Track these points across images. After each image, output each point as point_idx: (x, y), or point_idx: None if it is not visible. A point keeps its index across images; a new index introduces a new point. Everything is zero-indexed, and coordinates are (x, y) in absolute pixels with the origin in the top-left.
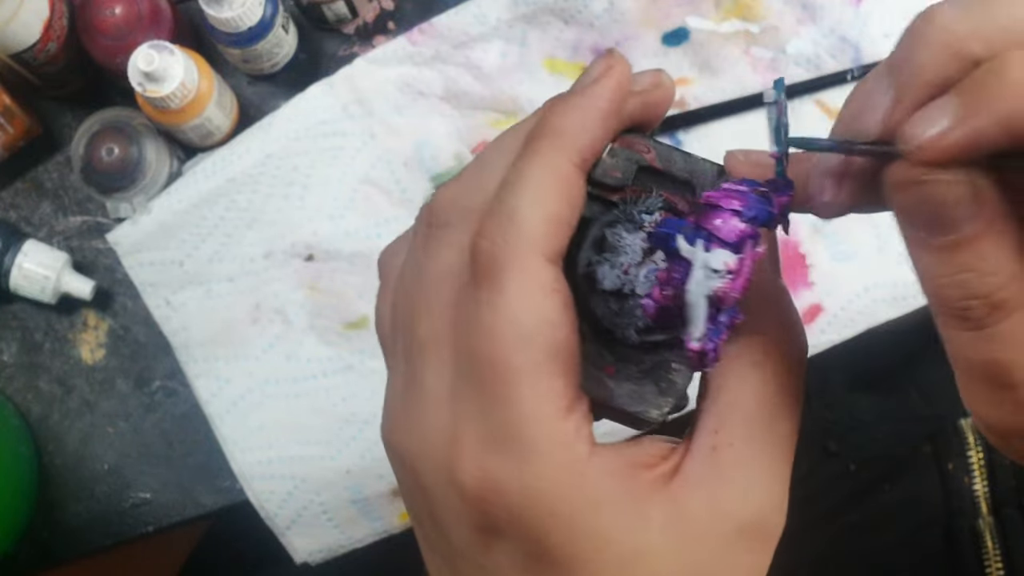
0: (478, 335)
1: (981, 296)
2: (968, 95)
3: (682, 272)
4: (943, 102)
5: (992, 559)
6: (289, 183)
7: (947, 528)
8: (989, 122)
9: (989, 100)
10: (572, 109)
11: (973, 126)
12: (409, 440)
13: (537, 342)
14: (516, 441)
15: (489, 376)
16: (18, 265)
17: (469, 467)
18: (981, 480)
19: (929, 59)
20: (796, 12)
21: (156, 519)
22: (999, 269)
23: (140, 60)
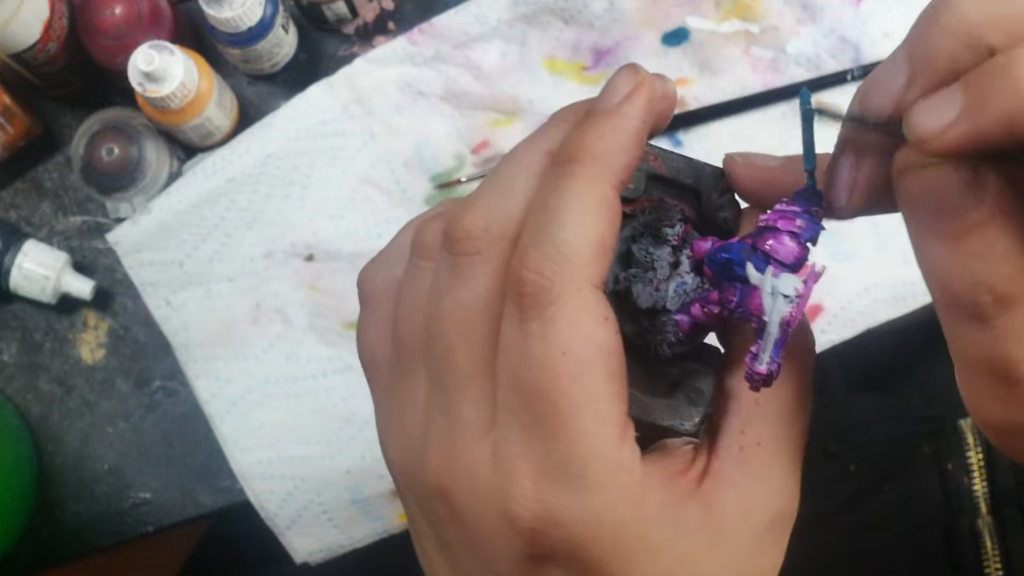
0: (528, 367)
1: (989, 286)
2: (974, 90)
3: (739, 295)
4: (948, 94)
5: (991, 559)
6: (289, 183)
7: (946, 528)
8: (992, 121)
9: (994, 98)
10: (609, 131)
11: (976, 123)
12: (447, 473)
13: (595, 372)
14: (578, 473)
15: (544, 409)
16: (18, 265)
17: (525, 500)
18: (980, 480)
19: (943, 44)
20: (796, 12)
21: (156, 519)
22: (1007, 258)
23: (140, 60)
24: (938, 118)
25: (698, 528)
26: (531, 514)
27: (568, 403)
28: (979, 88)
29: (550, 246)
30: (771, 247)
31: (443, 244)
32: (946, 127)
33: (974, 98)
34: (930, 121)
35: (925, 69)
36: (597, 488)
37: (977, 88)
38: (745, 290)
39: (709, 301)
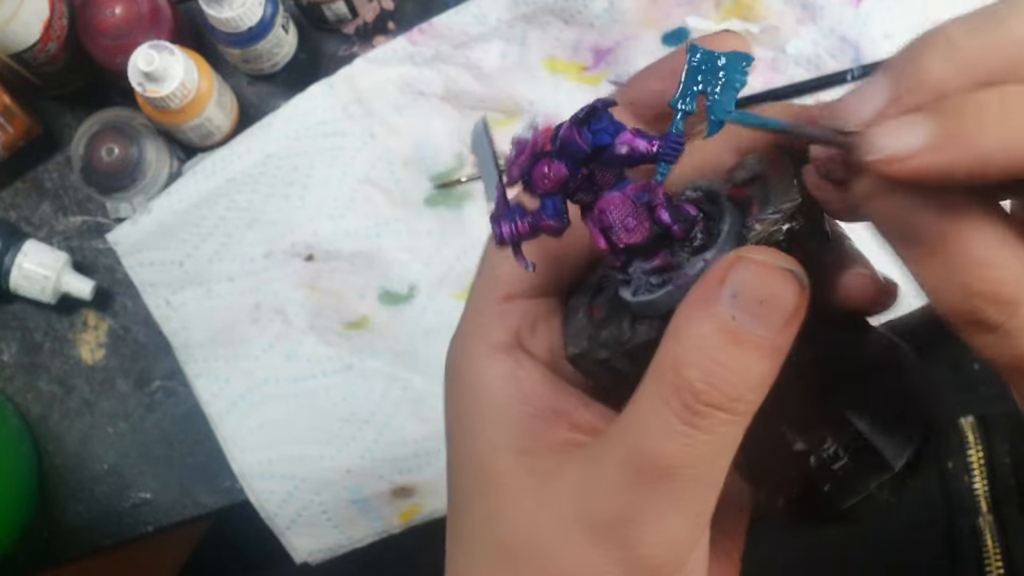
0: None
1: (985, 295)
2: (950, 121)
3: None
4: (922, 118)
5: (992, 558)
6: (289, 183)
7: (947, 527)
8: (957, 156)
9: (969, 135)
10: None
11: (939, 157)
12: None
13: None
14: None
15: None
16: (18, 265)
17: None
18: (981, 479)
19: (933, 70)
20: (796, 12)
21: (156, 519)
22: (995, 262)
23: (140, 60)
24: (899, 142)
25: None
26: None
27: (479, 268)
28: (951, 121)
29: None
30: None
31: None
32: (908, 154)
33: (943, 130)
34: (892, 143)
35: (911, 91)
36: (461, 322)
37: (949, 121)
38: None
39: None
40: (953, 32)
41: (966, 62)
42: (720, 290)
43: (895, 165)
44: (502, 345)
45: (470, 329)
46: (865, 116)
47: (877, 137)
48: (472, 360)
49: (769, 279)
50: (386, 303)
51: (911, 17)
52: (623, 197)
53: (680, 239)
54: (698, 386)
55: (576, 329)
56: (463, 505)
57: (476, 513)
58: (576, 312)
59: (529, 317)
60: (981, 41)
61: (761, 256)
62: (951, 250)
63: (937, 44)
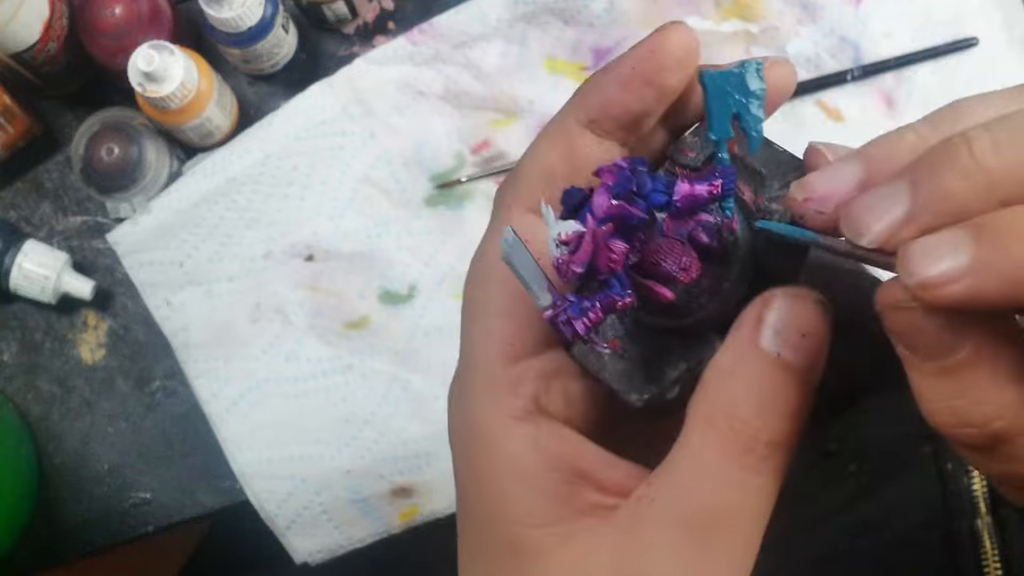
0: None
1: (976, 425)
2: (985, 246)
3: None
4: (955, 240)
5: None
6: (289, 183)
7: (945, 529)
8: (998, 281)
9: (1003, 258)
10: (597, 72)
11: (980, 282)
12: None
13: (494, 283)
14: (465, 373)
15: (463, 310)
16: (18, 265)
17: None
18: (980, 480)
19: (955, 187)
20: (796, 12)
21: (156, 519)
22: (992, 397)
23: (140, 60)
24: (941, 266)
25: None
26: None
27: (470, 308)
28: (989, 244)
29: (512, 172)
30: (592, 200)
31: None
32: (948, 278)
33: (984, 255)
34: (930, 268)
35: (930, 208)
36: (469, 391)
37: (987, 244)
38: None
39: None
40: (977, 146)
41: (991, 182)
42: (760, 329)
43: (931, 291)
44: (520, 412)
45: (482, 400)
46: (879, 229)
47: (915, 259)
48: (490, 435)
49: (808, 313)
50: (386, 303)
51: (911, 17)
52: (668, 241)
53: (719, 252)
54: (755, 424)
55: (621, 373)
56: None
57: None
58: (601, 359)
59: (544, 377)
60: (1008, 160)
61: (794, 292)
62: (956, 376)
63: (959, 158)
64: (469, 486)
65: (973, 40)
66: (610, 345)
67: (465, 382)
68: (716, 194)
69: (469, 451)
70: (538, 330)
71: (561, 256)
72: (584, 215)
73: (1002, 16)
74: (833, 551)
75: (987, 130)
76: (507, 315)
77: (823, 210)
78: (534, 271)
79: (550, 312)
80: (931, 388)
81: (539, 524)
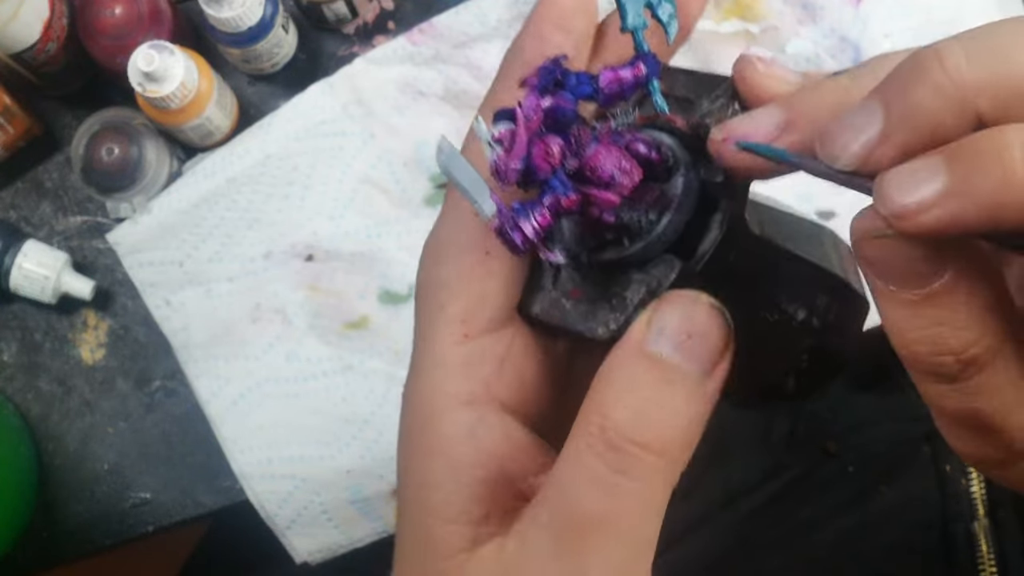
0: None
1: (953, 352)
2: (960, 170)
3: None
4: (930, 167)
5: (986, 562)
6: (289, 183)
7: (943, 530)
8: (975, 206)
9: (981, 184)
10: (515, 37)
11: (958, 208)
12: None
13: (450, 263)
14: (417, 348)
15: (416, 292)
16: (18, 265)
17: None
18: (978, 481)
19: (928, 103)
20: (796, 12)
21: (156, 519)
22: (970, 324)
23: (140, 60)
24: (916, 193)
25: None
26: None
27: (423, 285)
28: (965, 170)
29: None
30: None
31: None
32: (924, 206)
33: (958, 180)
34: (906, 196)
35: (904, 126)
36: (419, 370)
37: (963, 169)
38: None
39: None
40: (949, 60)
41: (963, 97)
42: (648, 330)
43: (908, 219)
44: (466, 397)
45: (432, 377)
46: (855, 151)
47: (890, 187)
48: (431, 413)
49: (694, 313)
50: (386, 303)
51: (911, 17)
52: (606, 146)
53: (659, 164)
54: (626, 426)
55: (584, 314)
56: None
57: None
58: (562, 309)
59: (495, 359)
60: (980, 74)
61: (688, 293)
62: (935, 303)
63: (930, 73)
64: (403, 465)
65: None
66: (572, 294)
67: (415, 360)
68: (640, 76)
69: (410, 426)
70: (491, 307)
71: (498, 156)
72: (514, 115)
73: (1002, 16)
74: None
75: (958, 42)
76: (460, 291)
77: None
78: (475, 179)
79: (496, 221)
80: (907, 318)
81: (453, 519)
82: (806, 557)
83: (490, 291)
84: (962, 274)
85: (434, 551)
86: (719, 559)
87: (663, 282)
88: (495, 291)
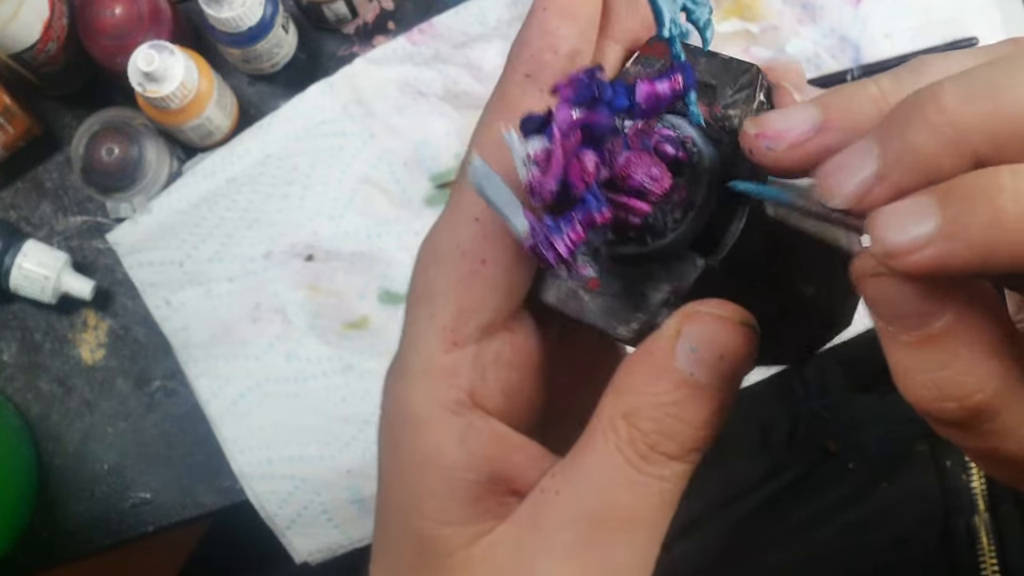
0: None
1: (956, 399)
2: (952, 212)
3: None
4: (922, 208)
5: (987, 556)
6: (289, 183)
7: (944, 526)
8: (966, 248)
9: (973, 226)
10: (519, 30)
11: (948, 249)
12: None
13: (442, 267)
14: (403, 356)
15: (409, 295)
16: (18, 265)
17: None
18: (979, 477)
19: (924, 142)
20: (796, 12)
21: (156, 519)
22: (973, 368)
23: (140, 60)
24: (907, 233)
25: (478, 562)
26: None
27: (415, 290)
28: (958, 211)
29: (466, 154)
30: (555, 115)
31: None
32: (915, 246)
33: (949, 221)
34: (898, 236)
35: (899, 166)
36: (405, 376)
37: (956, 211)
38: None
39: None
40: (947, 102)
41: (959, 138)
42: (676, 344)
43: (899, 259)
44: (453, 404)
45: (417, 384)
46: (850, 190)
47: (882, 226)
48: (419, 421)
49: (729, 335)
50: (386, 303)
51: (911, 17)
52: (636, 153)
53: (685, 162)
54: (653, 438)
55: (604, 310)
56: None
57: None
58: (580, 301)
59: (480, 366)
60: (977, 114)
61: (718, 311)
62: (936, 346)
63: (926, 113)
64: (388, 473)
65: (973, 40)
66: (590, 285)
67: (403, 365)
68: (678, 89)
69: (396, 436)
70: (482, 317)
71: (533, 175)
72: (550, 131)
73: (1002, 16)
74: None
75: (953, 82)
76: (452, 300)
77: (773, 147)
78: (508, 197)
79: (529, 239)
80: (908, 361)
81: (450, 522)
82: (807, 555)
83: (482, 301)
84: (964, 316)
85: (432, 550)
86: (720, 558)
87: (686, 281)
88: (487, 302)
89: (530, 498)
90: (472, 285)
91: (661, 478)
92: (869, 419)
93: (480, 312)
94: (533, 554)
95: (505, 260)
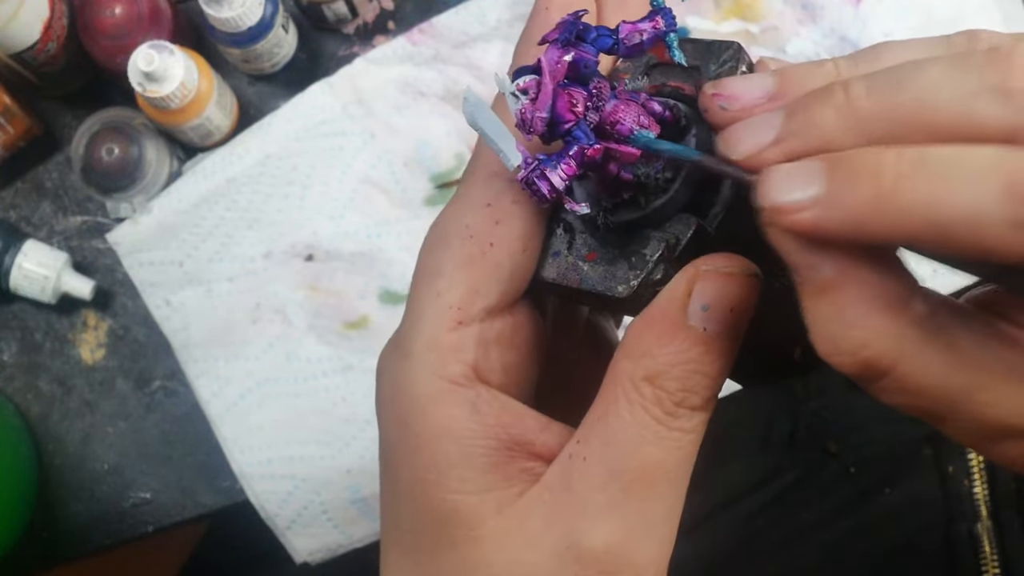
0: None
1: (846, 352)
2: (836, 183)
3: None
4: (811, 172)
5: (989, 563)
6: (289, 183)
7: (945, 531)
8: (843, 220)
9: (852, 198)
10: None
11: (826, 217)
12: None
13: (447, 250)
14: (405, 335)
15: (414, 277)
16: (18, 265)
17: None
18: (981, 483)
19: (825, 121)
20: (796, 12)
21: (156, 519)
22: (861, 324)
23: (140, 60)
24: (791, 195)
25: (505, 532)
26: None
27: (421, 271)
28: (841, 182)
29: (471, 159)
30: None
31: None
32: (797, 208)
33: (833, 191)
34: (781, 195)
35: (798, 136)
36: (409, 353)
37: (839, 182)
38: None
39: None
40: (853, 88)
41: (860, 120)
42: (688, 303)
43: (781, 216)
44: (460, 378)
45: (422, 363)
46: (745, 149)
47: (769, 185)
48: (427, 399)
49: (738, 289)
50: (386, 303)
51: (911, 17)
52: (625, 101)
53: (672, 123)
54: (679, 395)
55: (602, 275)
56: (428, 561)
57: (446, 566)
58: (579, 271)
59: (483, 344)
60: (879, 102)
61: (725, 267)
62: (828, 298)
63: (834, 97)
64: (400, 452)
65: None
66: (588, 257)
67: (406, 345)
68: (660, 29)
69: (403, 413)
70: (487, 298)
71: (523, 105)
72: (539, 68)
73: (1002, 16)
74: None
75: (864, 76)
76: (460, 280)
77: (726, 107)
78: (501, 130)
79: (523, 171)
80: (810, 311)
81: (474, 491)
82: (808, 558)
83: (489, 283)
84: (849, 270)
85: (459, 523)
86: (720, 559)
87: (681, 238)
88: (494, 284)
89: (557, 464)
90: (481, 267)
91: (687, 430)
92: (870, 420)
93: (487, 293)
94: (570, 517)
95: (513, 245)
